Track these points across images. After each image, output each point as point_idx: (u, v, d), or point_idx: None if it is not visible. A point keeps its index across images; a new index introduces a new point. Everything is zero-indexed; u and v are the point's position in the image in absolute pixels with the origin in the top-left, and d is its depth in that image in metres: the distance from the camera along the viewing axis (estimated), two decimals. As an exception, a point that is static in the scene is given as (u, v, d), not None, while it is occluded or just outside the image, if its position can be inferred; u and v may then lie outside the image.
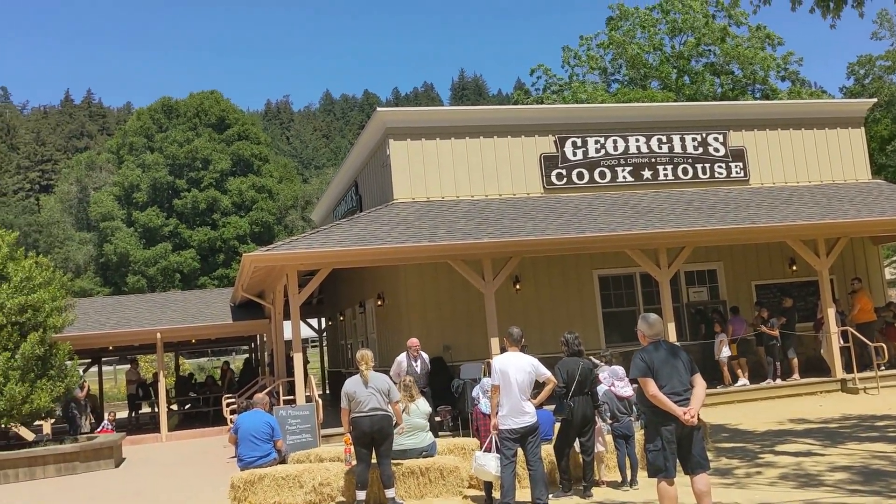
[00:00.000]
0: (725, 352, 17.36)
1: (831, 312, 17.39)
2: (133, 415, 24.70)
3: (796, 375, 17.60)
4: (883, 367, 17.32)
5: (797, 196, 19.23)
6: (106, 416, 20.99)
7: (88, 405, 21.50)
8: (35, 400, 15.40)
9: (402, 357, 13.99)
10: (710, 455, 8.49)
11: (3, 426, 15.77)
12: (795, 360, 17.68)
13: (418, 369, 13.88)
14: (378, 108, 19.00)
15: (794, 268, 19.72)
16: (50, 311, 16.27)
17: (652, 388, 6.85)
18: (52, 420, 20.08)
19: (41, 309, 16.05)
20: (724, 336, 17.44)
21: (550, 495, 9.01)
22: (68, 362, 17.05)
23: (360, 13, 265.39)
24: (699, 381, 7.06)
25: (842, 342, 17.53)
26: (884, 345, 17.56)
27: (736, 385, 17.19)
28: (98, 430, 19.49)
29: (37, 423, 18.96)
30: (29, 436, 18.46)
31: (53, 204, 69.18)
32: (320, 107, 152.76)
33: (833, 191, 19.89)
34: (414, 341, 14.15)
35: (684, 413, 6.77)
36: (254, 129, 62.62)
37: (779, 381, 17.37)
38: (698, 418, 6.90)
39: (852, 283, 19.02)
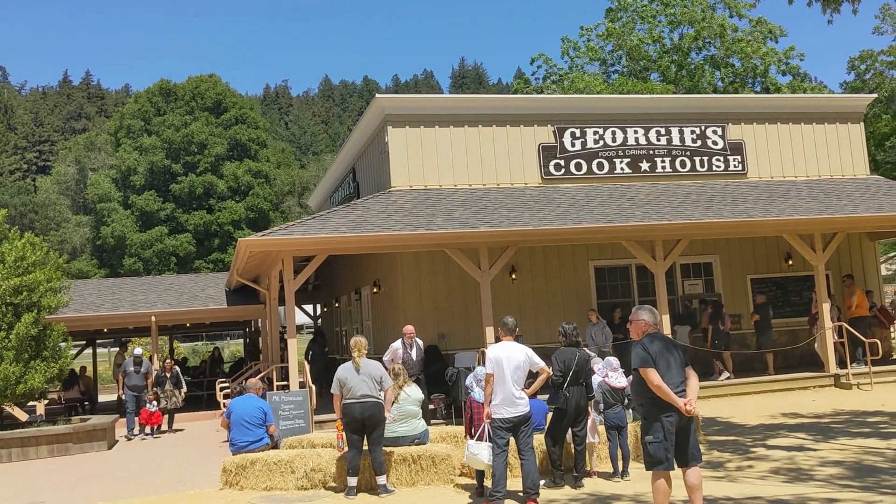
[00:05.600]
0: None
1: (826, 307, 17.44)
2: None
3: (770, 371, 17.82)
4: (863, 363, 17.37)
5: (795, 190, 19.21)
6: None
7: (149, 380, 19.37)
8: (29, 380, 15.39)
9: (398, 343, 14.05)
10: (701, 448, 8.50)
11: (-4, 406, 15.78)
12: (770, 357, 17.90)
13: (413, 356, 13.94)
14: (377, 95, 18.92)
15: (791, 262, 19.73)
16: (44, 291, 16.23)
17: (656, 378, 6.77)
18: (46, 402, 20.03)
19: (36, 290, 16.01)
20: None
21: (542, 483, 9.03)
22: (62, 343, 17.01)
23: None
24: (693, 373, 7.06)
25: (836, 337, 17.59)
26: (878, 341, 17.61)
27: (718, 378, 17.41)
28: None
29: (30, 403, 18.92)
30: (22, 416, 18.45)
31: (50, 185, 68.95)
32: (319, 92, 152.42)
33: (831, 186, 19.87)
34: (409, 328, 14.28)
35: (685, 404, 6.75)
36: (251, 114, 62.17)
37: (772, 375, 17.48)
38: (691, 410, 6.89)
39: (844, 281, 19.13)
